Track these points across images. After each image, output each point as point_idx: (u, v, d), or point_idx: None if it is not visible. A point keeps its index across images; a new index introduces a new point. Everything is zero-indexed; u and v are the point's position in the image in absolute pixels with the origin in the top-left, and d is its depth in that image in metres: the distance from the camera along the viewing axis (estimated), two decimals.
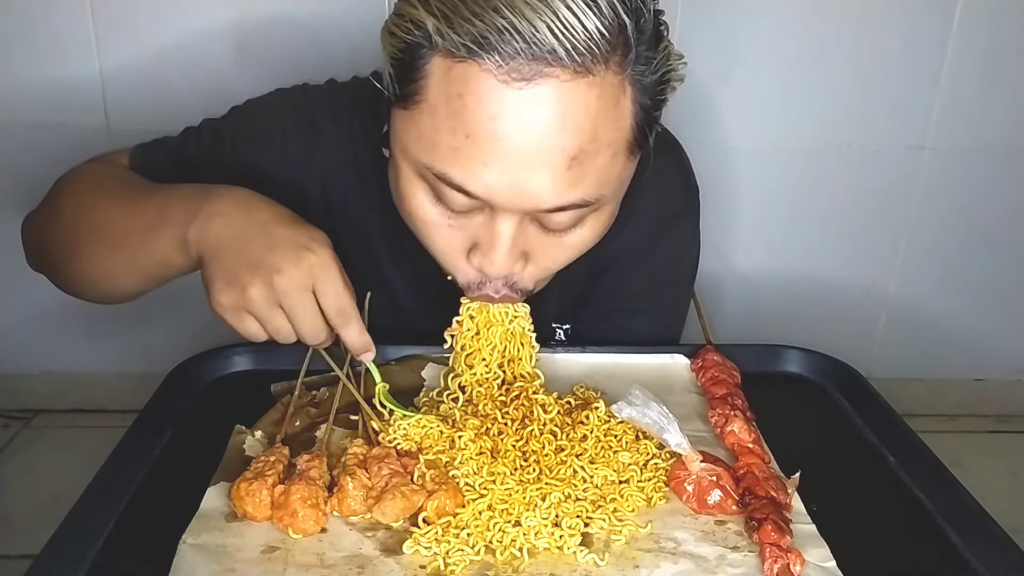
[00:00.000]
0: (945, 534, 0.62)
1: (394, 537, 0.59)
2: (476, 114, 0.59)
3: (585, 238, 0.69)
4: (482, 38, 0.56)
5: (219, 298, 0.63)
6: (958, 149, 1.54)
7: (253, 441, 0.69)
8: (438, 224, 0.67)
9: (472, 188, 0.62)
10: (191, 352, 0.81)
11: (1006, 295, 1.69)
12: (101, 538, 0.59)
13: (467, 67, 0.58)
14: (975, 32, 1.45)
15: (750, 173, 1.55)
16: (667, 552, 0.58)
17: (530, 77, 0.57)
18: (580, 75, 0.58)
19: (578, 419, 0.69)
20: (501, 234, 0.65)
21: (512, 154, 0.59)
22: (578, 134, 0.60)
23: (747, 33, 1.44)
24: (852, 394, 0.80)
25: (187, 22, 1.37)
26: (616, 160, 0.63)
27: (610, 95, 0.60)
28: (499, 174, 0.60)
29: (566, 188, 0.62)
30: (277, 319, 0.64)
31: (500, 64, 0.57)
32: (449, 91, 0.59)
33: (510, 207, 0.63)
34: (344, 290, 0.65)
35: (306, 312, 0.63)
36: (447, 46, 0.58)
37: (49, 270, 0.83)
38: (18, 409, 1.66)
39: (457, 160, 0.61)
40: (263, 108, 0.85)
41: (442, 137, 0.61)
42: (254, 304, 0.63)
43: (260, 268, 0.62)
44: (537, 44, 0.56)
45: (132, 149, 0.86)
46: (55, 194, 0.82)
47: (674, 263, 0.91)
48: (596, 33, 0.57)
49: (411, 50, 0.61)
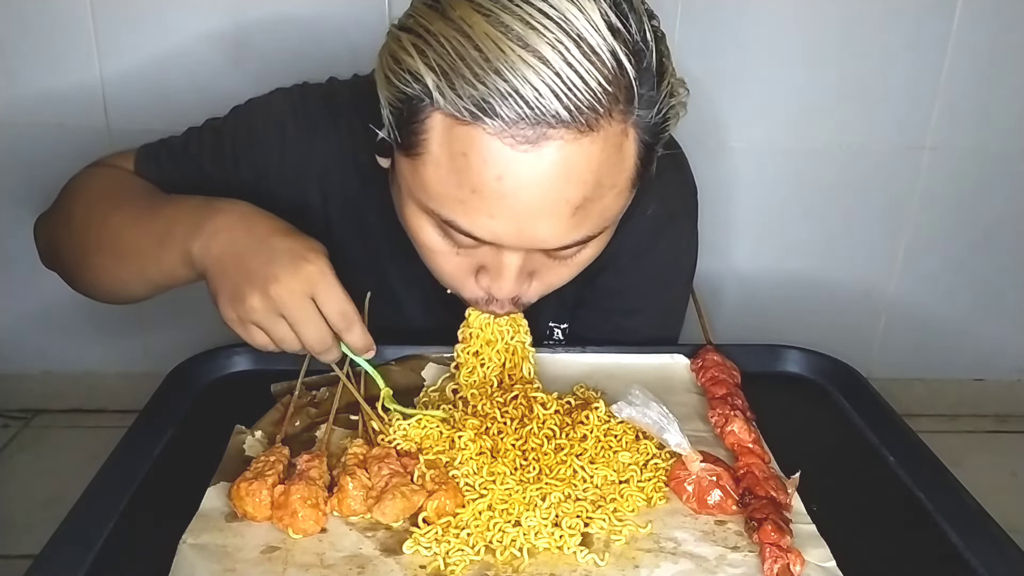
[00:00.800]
0: (945, 534, 0.62)
1: (394, 537, 0.59)
2: (481, 174, 0.58)
3: (589, 256, 0.70)
4: (484, 103, 0.56)
5: (226, 312, 0.66)
6: (958, 149, 1.54)
7: (253, 441, 0.69)
8: (446, 253, 0.67)
9: (480, 235, 0.62)
10: (191, 352, 0.81)
11: (1006, 295, 1.68)
12: (101, 538, 0.59)
13: (470, 129, 0.57)
14: (975, 32, 1.45)
15: (750, 173, 1.55)
16: (667, 552, 0.58)
17: (535, 140, 0.57)
18: (584, 133, 0.57)
19: (578, 419, 0.69)
20: (508, 265, 0.66)
21: (518, 208, 0.60)
22: (582, 186, 0.60)
23: (747, 33, 1.44)
24: (852, 394, 0.80)
25: (187, 23, 1.37)
26: (619, 198, 0.64)
27: (613, 144, 0.60)
28: (505, 224, 0.61)
29: (570, 231, 0.62)
30: (280, 328, 0.65)
31: (504, 128, 0.56)
32: (452, 149, 0.59)
33: (516, 248, 0.64)
34: (343, 296, 0.65)
35: (307, 319, 0.64)
36: (448, 107, 0.57)
37: (62, 271, 0.86)
38: (18, 409, 1.66)
39: (464, 211, 0.61)
40: (263, 108, 0.85)
41: (447, 189, 0.61)
42: (255, 314, 0.64)
43: (258, 279, 0.64)
44: (541, 108, 0.55)
45: (137, 150, 0.87)
46: (66, 200, 0.84)
47: (672, 263, 0.91)
48: (599, 89, 0.56)
49: (410, 102, 0.60)
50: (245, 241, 0.66)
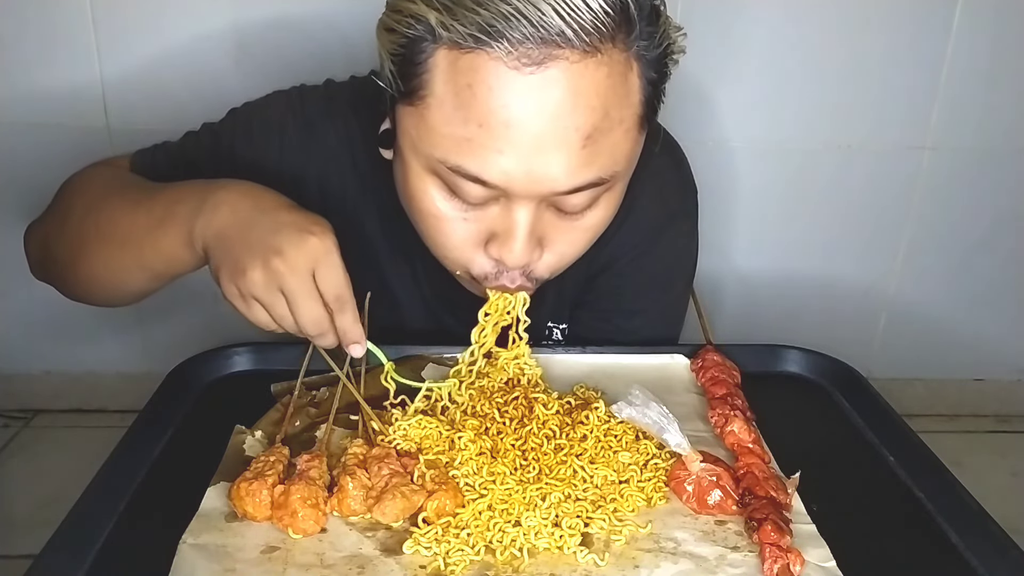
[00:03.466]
0: (945, 534, 0.62)
1: (394, 537, 0.59)
2: (488, 103, 0.58)
3: (599, 219, 0.69)
4: (489, 26, 0.56)
5: (227, 286, 0.63)
6: (958, 149, 1.54)
7: (253, 441, 0.69)
8: (453, 219, 0.66)
9: (489, 177, 0.61)
10: (191, 352, 0.81)
11: (1006, 295, 1.68)
12: (101, 538, 0.59)
13: (474, 57, 0.58)
14: (975, 32, 1.45)
15: (750, 173, 1.55)
16: (667, 552, 0.58)
17: (540, 61, 0.57)
18: (589, 55, 0.58)
19: (578, 419, 0.69)
20: (519, 222, 0.65)
21: (527, 139, 0.59)
22: (590, 113, 0.60)
23: (747, 33, 1.44)
24: (852, 394, 0.80)
25: (187, 23, 1.37)
26: (628, 136, 0.64)
27: (618, 72, 0.60)
28: (515, 160, 0.60)
29: (581, 168, 0.62)
30: (280, 304, 0.63)
31: (509, 51, 0.57)
32: (457, 82, 0.59)
33: (527, 193, 0.63)
34: (343, 277, 0.64)
35: (305, 296, 0.62)
36: (452, 37, 0.58)
37: (54, 275, 0.83)
38: (18, 409, 1.66)
39: (471, 151, 0.61)
40: (261, 110, 0.85)
41: (453, 129, 0.61)
42: (256, 287, 0.62)
43: (259, 251, 0.62)
44: (545, 27, 0.56)
45: (133, 155, 0.86)
46: (61, 199, 0.82)
47: (672, 263, 0.91)
48: (601, 12, 0.57)
49: (412, 45, 0.60)
50: (249, 214, 0.64)
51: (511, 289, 0.71)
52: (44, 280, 0.85)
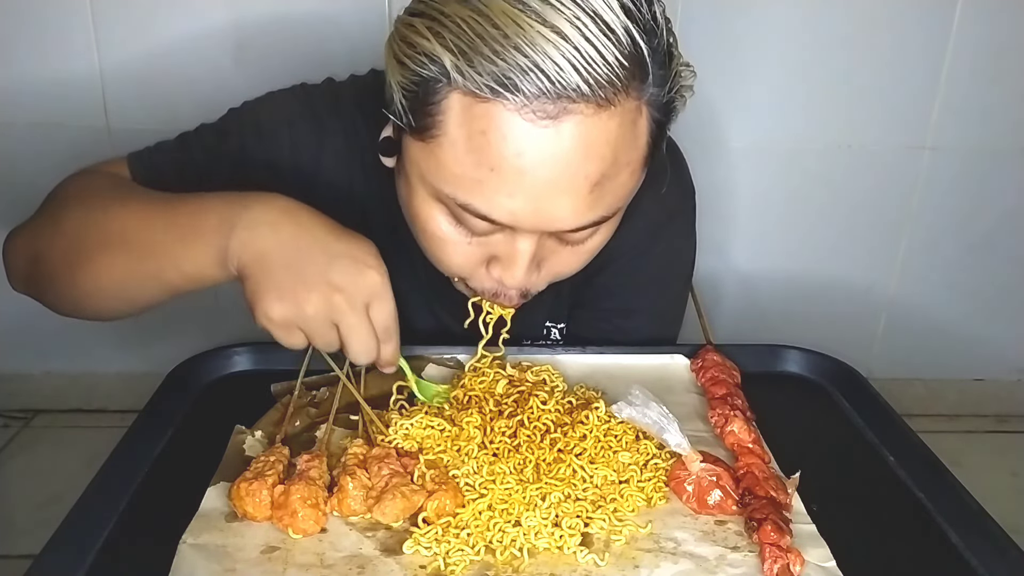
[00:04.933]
0: (945, 534, 0.62)
1: (394, 537, 0.59)
2: (501, 151, 0.58)
3: (599, 242, 0.70)
4: (505, 78, 0.56)
5: (270, 312, 0.61)
6: (958, 149, 1.54)
7: (253, 441, 0.69)
8: (456, 243, 0.67)
9: (497, 217, 0.62)
10: (191, 352, 0.81)
11: (1006, 295, 1.68)
12: (101, 538, 0.59)
13: (490, 106, 0.58)
14: (975, 32, 1.45)
15: (750, 173, 1.55)
16: (667, 552, 0.58)
17: (555, 115, 0.57)
18: (603, 108, 0.58)
19: (578, 419, 0.69)
20: (521, 252, 0.65)
21: (538, 185, 0.60)
22: (600, 162, 0.60)
23: (747, 33, 1.44)
24: (852, 394, 0.80)
25: (187, 22, 1.36)
26: (633, 177, 0.65)
27: (629, 120, 0.60)
28: (523, 203, 0.61)
29: (587, 210, 0.62)
30: (327, 334, 0.63)
31: (524, 104, 0.57)
32: (471, 128, 0.59)
33: (532, 230, 0.64)
34: (394, 309, 0.64)
35: (362, 331, 0.63)
36: (467, 85, 0.58)
37: (43, 287, 0.77)
38: (18, 409, 1.66)
39: (482, 192, 0.61)
40: (267, 108, 0.84)
41: (464, 170, 0.61)
42: (311, 322, 0.61)
43: (320, 285, 0.61)
44: (562, 83, 0.56)
45: (128, 158, 0.82)
46: (52, 206, 0.77)
47: (670, 263, 0.91)
48: (616, 65, 0.57)
49: (426, 84, 0.60)
50: (293, 239, 0.62)
51: (507, 306, 0.72)
52: (25, 292, 0.80)
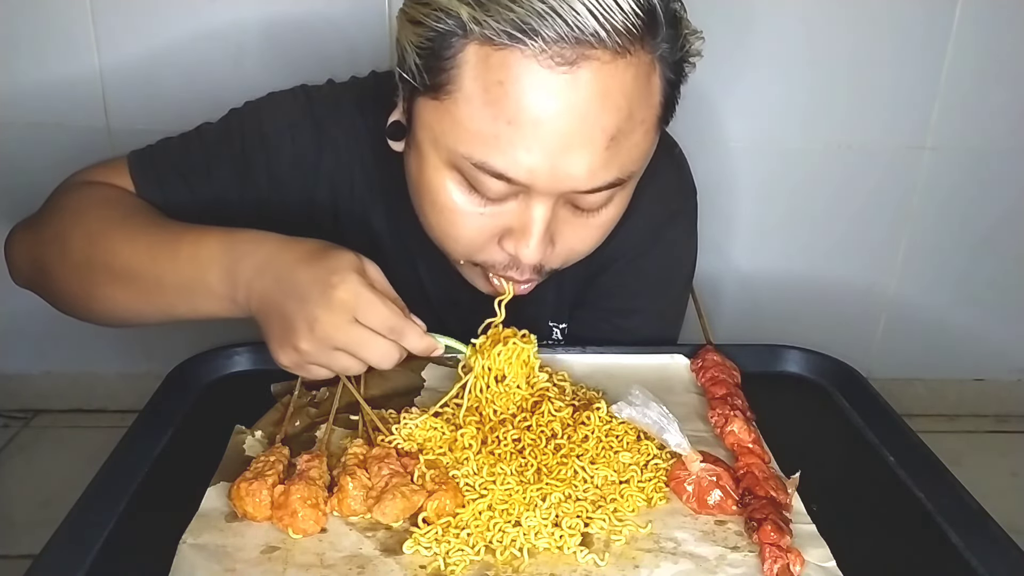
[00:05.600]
0: (945, 534, 0.62)
1: (394, 537, 0.59)
2: (519, 101, 0.59)
3: (612, 216, 0.70)
4: (524, 23, 0.56)
5: (281, 362, 0.64)
6: (958, 149, 1.54)
7: (253, 441, 0.69)
8: (469, 213, 0.66)
9: (514, 174, 0.62)
10: (191, 352, 0.81)
11: (1006, 295, 1.68)
12: (101, 538, 0.59)
13: (507, 54, 0.58)
14: (975, 32, 1.45)
15: (750, 173, 1.55)
16: (667, 552, 0.58)
17: (573, 61, 0.57)
18: (619, 56, 0.59)
19: (579, 419, 0.69)
20: (536, 219, 0.65)
21: (555, 137, 0.60)
22: (617, 114, 0.60)
23: (747, 33, 1.44)
24: (852, 394, 0.80)
25: (187, 22, 1.36)
26: (647, 137, 0.65)
27: (643, 74, 0.61)
28: (541, 158, 0.60)
29: (602, 168, 0.62)
30: (339, 360, 0.63)
31: (543, 49, 0.57)
32: (488, 79, 0.59)
33: (549, 190, 0.63)
34: (384, 307, 0.63)
35: (361, 342, 0.62)
36: (485, 33, 0.58)
37: (51, 296, 0.79)
38: (18, 409, 1.66)
39: (499, 147, 0.61)
40: (269, 109, 0.84)
41: (481, 125, 0.61)
42: (310, 356, 0.62)
43: (300, 325, 0.61)
44: (580, 27, 0.56)
45: (129, 157, 0.82)
46: (56, 219, 0.77)
47: (671, 264, 0.91)
48: (632, 13, 0.58)
49: (441, 39, 0.60)
50: (275, 284, 0.64)
51: (519, 281, 0.71)
52: (30, 289, 0.81)
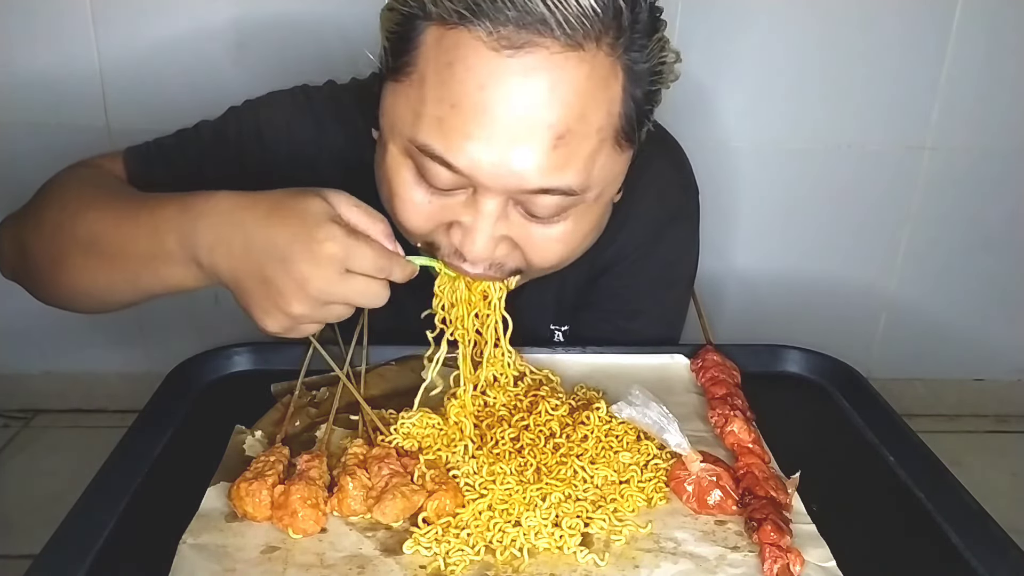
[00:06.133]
0: (945, 534, 0.62)
1: (394, 537, 0.59)
2: (464, 83, 0.59)
3: (571, 232, 0.67)
4: (475, 4, 0.57)
5: (268, 329, 0.62)
6: (958, 149, 1.55)
7: (253, 441, 0.69)
8: (418, 203, 0.65)
9: (455, 161, 0.60)
10: (191, 352, 0.81)
11: (1006, 295, 1.69)
12: (101, 538, 0.59)
13: (458, 34, 0.58)
14: (975, 32, 1.45)
15: (750, 173, 1.55)
16: (667, 552, 0.58)
17: (520, 45, 0.57)
18: (570, 48, 0.58)
19: (579, 419, 0.69)
20: (483, 214, 0.63)
21: (498, 127, 0.59)
22: (565, 110, 0.59)
23: (747, 33, 1.44)
24: (852, 394, 0.80)
25: (187, 21, 1.37)
26: (603, 148, 0.63)
27: (600, 76, 0.60)
28: (484, 148, 0.60)
29: (552, 170, 0.61)
30: (332, 312, 0.62)
31: (490, 31, 0.57)
32: (439, 60, 0.60)
33: (493, 185, 0.61)
34: (372, 251, 0.61)
35: (356, 289, 0.61)
36: (440, 12, 0.58)
37: (31, 280, 0.78)
38: (18, 409, 1.66)
39: (441, 131, 0.60)
40: (268, 108, 0.84)
41: (428, 107, 0.61)
42: (306, 318, 0.61)
43: (290, 288, 0.59)
44: (528, 12, 0.56)
45: (124, 153, 0.83)
46: (38, 200, 0.78)
47: (673, 264, 0.91)
48: (589, 8, 0.57)
49: (406, 22, 0.61)
50: (244, 248, 0.61)
51: (470, 274, 0.69)
52: (14, 280, 0.81)
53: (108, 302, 0.75)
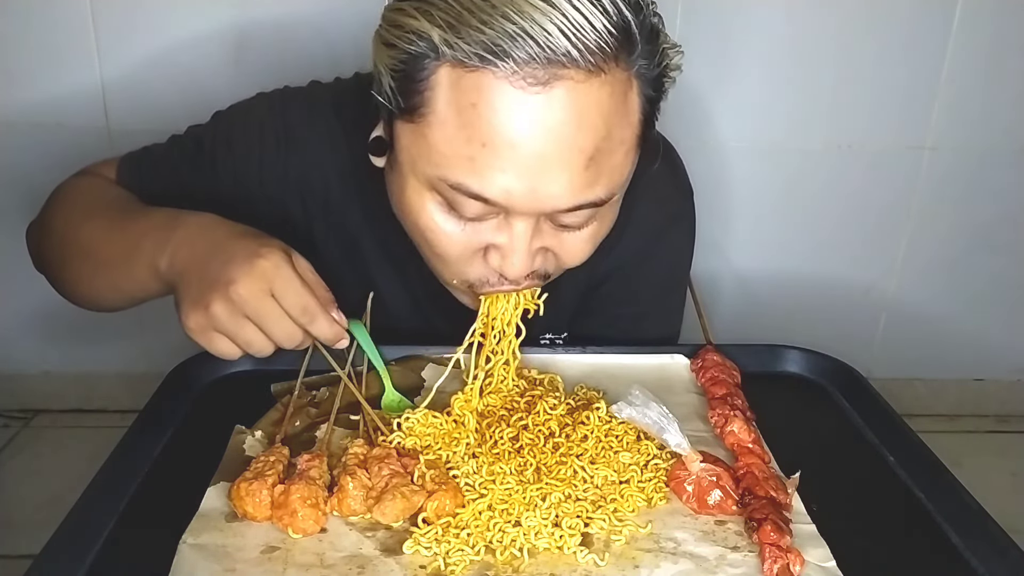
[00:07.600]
0: (945, 534, 0.62)
1: (394, 537, 0.59)
2: (492, 123, 0.58)
3: (598, 232, 0.69)
4: (494, 45, 0.56)
5: (187, 322, 0.64)
6: (958, 149, 1.55)
7: (253, 441, 0.69)
8: (450, 233, 0.66)
9: (491, 195, 0.61)
10: (191, 352, 0.81)
11: (1006, 295, 1.69)
12: (101, 538, 0.59)
13: (479, 76, 0.57)
14: (975, 32, 1.45)
15: (750, 174, 1.55)
16: (667, 552, 0.58)
17: (546, 81, 0.57)
18: (593, 75, 0.58)
19: (579, 419, 0.69)
20: (518, 236, 0.64)
21: (531, 159, 0.59)
22: (594, 133, 0.60)
23: (746, 33, 1.44)
24: (852, 394, 0.80)
25: (186, 23, 1.37)
26: (628, 156, 0.64)
27: (620, 92, 0.60)
28: (517, 179, 0.60)
29: (583, 188, 0.62)
30: (246, 331, 0.63)
31: (515, 70, 0.56)
32: (460, 101, 0.59)
33: (527, 210, 0.62)
34: (301, 289, 0.64)
35: (271, 315, 0.63)
36: (456, 56, 0.57)
37: (49, 278, 0.86)
38: (18, 409, 1.66)
39: (473, 170, 0.60)
40: (241, 114, 0.84)
41: (456, 148, 0.60)
42: (219, 320, 0.62)
43: (218, 284, 0.62)
44: (551, 47, 0.56)
45: (120, 159, 0.86)
46: (48, 208, 0.85)
47: (674, 266, 0.91)
48: (604, 32, 0.57)
49: (414, 61, 0.60)
50: (204, 249, 0.66)
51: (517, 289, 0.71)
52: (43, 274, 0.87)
53: (106, 302, 0.81)
